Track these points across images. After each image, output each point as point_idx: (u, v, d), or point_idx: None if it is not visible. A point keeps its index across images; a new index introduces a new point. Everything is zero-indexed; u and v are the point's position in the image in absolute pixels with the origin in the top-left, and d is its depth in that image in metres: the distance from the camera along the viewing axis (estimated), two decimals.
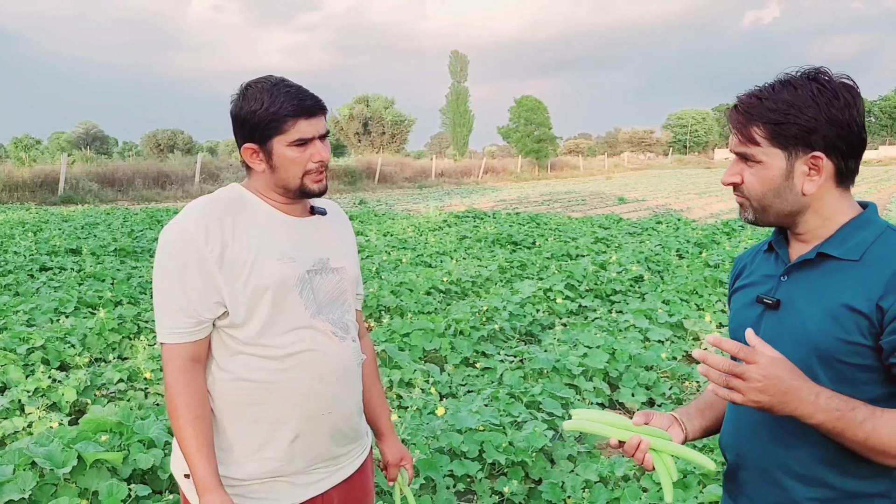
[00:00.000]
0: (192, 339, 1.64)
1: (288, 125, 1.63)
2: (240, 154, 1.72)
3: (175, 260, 1.63)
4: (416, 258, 10.86)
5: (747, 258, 1.63)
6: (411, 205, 24.18)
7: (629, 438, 1.44)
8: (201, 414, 1.64)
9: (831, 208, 1.40)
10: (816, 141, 1.34)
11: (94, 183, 25.32)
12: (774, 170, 1.37)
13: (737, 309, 1.55)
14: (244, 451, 1.69)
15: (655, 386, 5.16)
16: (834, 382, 1.32)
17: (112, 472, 3.30)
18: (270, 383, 1.67)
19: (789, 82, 1.36)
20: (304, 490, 1.74)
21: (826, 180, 1.37)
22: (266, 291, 1.63)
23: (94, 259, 10.41)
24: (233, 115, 1.69)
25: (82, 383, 4.69)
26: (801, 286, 1.40)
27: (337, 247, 1.81)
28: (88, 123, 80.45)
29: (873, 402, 1.31)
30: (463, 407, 4.18)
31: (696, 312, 7.15)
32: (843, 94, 1.34)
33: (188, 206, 1.70)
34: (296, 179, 1.68)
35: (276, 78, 1.68)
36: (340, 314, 1.77)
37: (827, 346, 1.32)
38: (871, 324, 1.28)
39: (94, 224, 15.29)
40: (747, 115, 1.38)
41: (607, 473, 3.61)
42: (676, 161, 76.17)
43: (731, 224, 14.80)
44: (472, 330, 6.09)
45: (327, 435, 1.75)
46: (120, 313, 6.40)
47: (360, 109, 56.91)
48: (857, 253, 1.35)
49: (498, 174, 46.10)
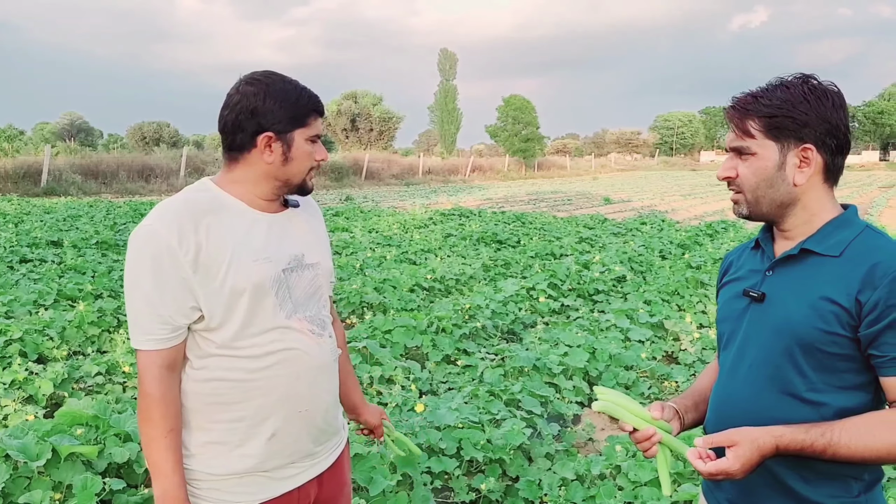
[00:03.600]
0: (167, 346, 1.61)
1: (311, 120, 1.69)
2: (234, 148, 1.67)
3: (148, 265, 1.58)
4: (401, 255, 10.85)
5: (735, 255, 1.72)
6: (398, 202, 24.16)
7: (644, 428, 1.50)
8: (175, 427, 1.63)
9: (818, 204, 1.48)
10: (808, 134, 1.43)
11: (78, 175, 25.11)
12: (768, 161, 1.45)
13: (724, 301, 1.64)
14: (221, 449, 1.68)
15: (635, 385, 5.19)
16: (816, 370, 1.41)
17: (87, 466, 3.28)
18: (247, 382, 1.66)
19: (783, 83, 1.46)
20: (281, 484, 1.74)
21: (815, 174, 1.46)
22: (243, 294, 1.62)
23: (76, 251, 10.32)
24: (248, 105, 1.63)
25: (59, 376, 4.66)
26: (785, 280, 1.48)
27: (311, 241, 1.80)
28: (73, 114, 79.71)
29: (853, 389, 1.41)
30: (442, 404, 4.19)
31: (677, 313, 7.20)
32: (833, 97, 1.44)
33: (159, 206, 1.64)
34: (302, 175, 1.72)
35: (279, 74, 1.71)
36: (317, 310, 1.77)
37: (809, 336, 1.40)
38: (850, 316, 1.37)
39: (77, 216, 15.16)
40: (743, 110, 1.47)
41: (584, 471, 3.63)
42: (663, 163, 76.56)
43: (714, 226, 14.90)
44: (454, 327, 6.10)
45: (304, 431, 1.75)
46: (100, 306, 6.35)
47: (348, 105, 56.76)
48: (838, 249, 1.43)
49: (485, 173, 46.17)
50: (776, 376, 1.45)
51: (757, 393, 1.47)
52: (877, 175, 52.55)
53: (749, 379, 1.49)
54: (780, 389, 1.44)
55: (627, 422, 1.50)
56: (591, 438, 4.45)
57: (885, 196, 27.31)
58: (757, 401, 1.47)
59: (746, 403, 1.48)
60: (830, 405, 1.41)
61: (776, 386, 1.45)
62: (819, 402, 1.41)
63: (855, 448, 1.33)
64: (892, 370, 1.35)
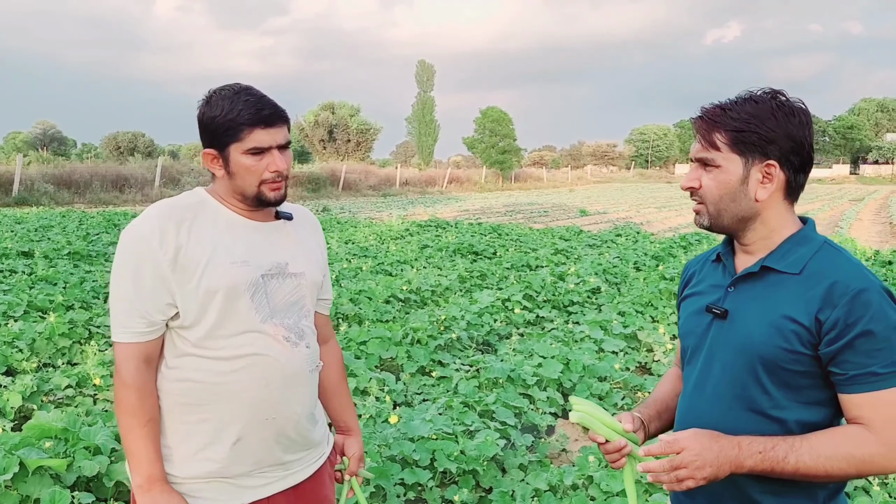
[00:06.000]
0: (144, 340, 1.67)
1: (244, 133, 1.65)
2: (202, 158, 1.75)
3: (130, 261, 1.66)
4: (377, 266, 10.84)
5: (696, 265, 1.72)
6: (374, 213, 24.13)
7: (616, 440, 1.51)
8: (154, 417, 1.68)
9: (777, 220, 1.49)
10: (772, 151, 1.44)
11: (50, 185, 24.77)
12: (732, 174, 1.46)
13: (686, 316, 1.65)
14: (186, 451, 1.71)
15: (608, 396, 5.22)
16: (778, 387, 1.42)
17: (55, 480, 3.24)
18: (216, 384, 1.68)
19: (752, 97, 1.47)
20: (247, 492, 1.74)
21: (776, 190, 1.47)
22: (216, 294, 1.65)
23: (47, 262, 10.18)
24: (197, 119, 1.72)
25: (28, 388, 4.59)
26: (746, 297, 1.49)
27: (298, 252, 1.82)
28: (46, 123, 78.56)
29: (816, 404, 1.43)
30: (416, 415, 4.19)
31: (651, 324, 7.26)
32: (800, 114, 1.45)
33: (149, 208, 1.72)
34: (252, 187, 1.70)
35: (241, 86, 1.70)
36: (296, 319, 1.78)
37: (771, 354, 1.41)
38: (811, 334, 1.38)
39: (49, 226, 14.95)
40: (711, 122, 1.48)
41: (557, 482, 3.65)
42: (638, 175, 77.35)
43: (688, 238, 15.06)
44: (429, 339, 6.10)
45: (272, 440, 1.75)
46: (71, 318, 6.28)
47: (325, 116, 56.66)
48: (798, 267, 1.44)
49: (462, 184, 46.27)
50: (742, 395, 1.46)
51: (724, 411, 1.49)
52: (847, 188, 53.53)
53: (715, 396, 1.51)
54: (746, 407, 1.46)
55: (601, 434, 1.51)
56: (565, 449, 4.47)
57: (855, 209, 27.81)
58: (724, 417, 1.48)
59: (713, 420, 1.48)
60: (794, 421, 1.43)
61: (742, 403, 1.47)
62: (783, 419, 1.43)
63: (816, 463, 1.36)
64: (851, 388, 1.38)
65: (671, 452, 1.38)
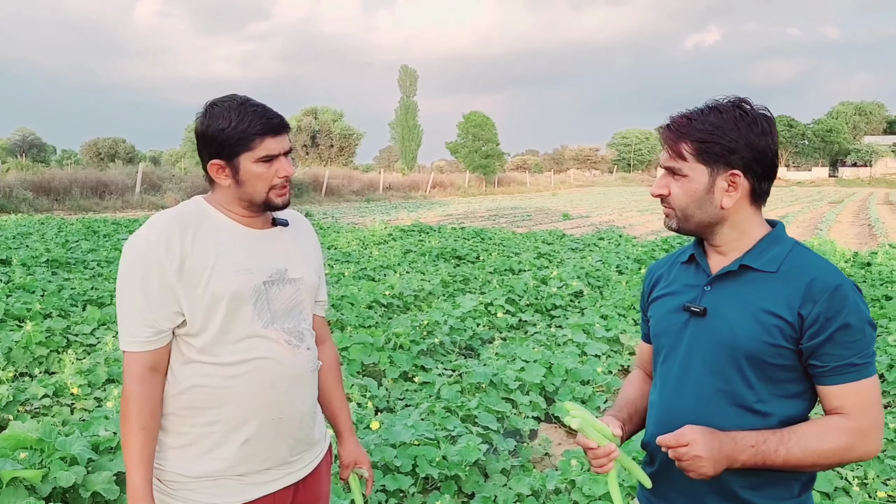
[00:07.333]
0: (151, 348, 1.71)
1: (256, 143, 1.72)
2: (204, 170, 1.79)
3: (137, 271, 1.69)
4: (360, 272, 10.81)
5: (663, 268, 1.75)
6: (357, 218, 24.08)
7: (604, 445, 1.53)
8: (149, 426, 1.72)
9: (746, 223, 1.55)
10: (736, 161, 1.49)
11: (29, 191, 24.52)
12: (698, 184, 1.51)
13: (660, 316, 1.67)
14: (195, 452, 1.77)
15: (591, 400, 5.23)
16: (761, 381, 1.48)
17: (30, 491, 3.18)
18: (223, 389, 1.74)
19: (716, 107, 1.51)
20: (255, 489, 1.81)
21: (742, 198, 1.52)
22: (221, 301, 1.70)
23: (25, 270, 10.05)
24: (198, 132, 1.76)
25: (4, 398, 4.52)
26: (725, 295, 1.53)
27: (296, 257, 1.89)
28: (25, 130, 77.65)
29: (795, 397, 1.49)
30: (398, 421, 4.17)
31: (633, 327, 7.28)
32: (762, 123, 1.49)
33: (152, 218, 1.77)
34: (262, 194, 1.76)
35: (241, 97, 1.76)
36: (296, 323, 1.84)
37: (755, 349, 1.46)
38: (793, 329, 1.44)
39: (27, 234, 14.78)
40: (678, 132, 1.52)
41: (539, 487, 3.64)
42: (621, 179, 77.82)
43: (669, 241, 15.14)
44: (411, 344, 6.08)
45: (278, 439, 1.82)
46: (49, 326, 6.20)
47: (308, 121, 56.57)
48: (775, 265, 1.50)
49: (445, 189, 46.32)
50: (726, 390, 1.50)
51: (706, 406, 1.52)
52: (826, 191, 54.14)
53: (697, 392, 1.54)
54: (730, 401, 1.50)
55: (593, 439, 1.53)
56: (548, 453, 4.46)
57: (834, 212, 28.12)
58: (707, 413, 1.51)
59: (695, 416, 1.51)
60: (776, 414, 1.48)
61: (726, 398, 1.50)
62: (767, 413, 1.48)
63: (805, 454, 1.42)
64: (830, 379, 1.44)
65: (679, 446, 1.43)
